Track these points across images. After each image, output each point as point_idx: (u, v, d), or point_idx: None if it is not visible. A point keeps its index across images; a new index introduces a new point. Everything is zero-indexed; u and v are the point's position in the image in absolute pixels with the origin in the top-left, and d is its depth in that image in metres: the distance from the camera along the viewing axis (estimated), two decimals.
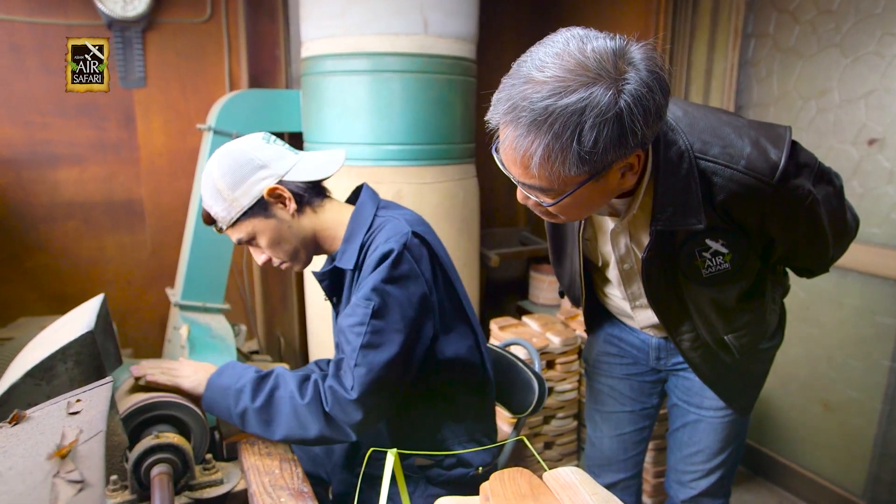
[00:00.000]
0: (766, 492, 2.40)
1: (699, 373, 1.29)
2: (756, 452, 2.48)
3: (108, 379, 0.94)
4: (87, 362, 1.05)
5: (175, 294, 2.41)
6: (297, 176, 1.19)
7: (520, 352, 1.79)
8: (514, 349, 1.74)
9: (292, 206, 1.19)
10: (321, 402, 1.13)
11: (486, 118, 0.86)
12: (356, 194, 1.32)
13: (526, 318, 2.43)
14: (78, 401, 0.86)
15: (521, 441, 1.67)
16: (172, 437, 1.07)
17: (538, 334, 2.27)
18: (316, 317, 2.53)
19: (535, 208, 0.97)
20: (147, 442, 1.04)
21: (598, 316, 1.47)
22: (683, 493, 1.43)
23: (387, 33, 2.16)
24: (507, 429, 1.76)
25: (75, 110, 2.55)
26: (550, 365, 2.25)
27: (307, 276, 2.56)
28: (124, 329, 2.76)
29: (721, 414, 1.33)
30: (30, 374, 1.00)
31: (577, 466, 0.78)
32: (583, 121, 0.77)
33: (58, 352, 1.02)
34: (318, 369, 1.45)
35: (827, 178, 1.08)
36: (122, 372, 1.38)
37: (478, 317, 1.72)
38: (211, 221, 1.22)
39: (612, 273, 1.26)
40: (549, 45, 0.81)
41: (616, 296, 1.34)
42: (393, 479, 0.80)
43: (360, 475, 1.19)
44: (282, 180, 1.18)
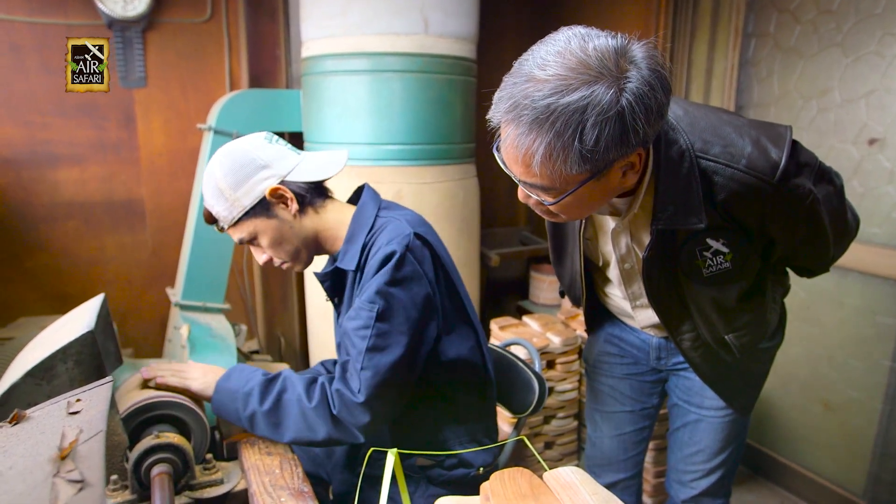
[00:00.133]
0: (766, 491, 2.40)
1: (699, 372, 1.29)
2: (756, 452, 2.48)
3: (108, 379, 0.94)
4: (88, 362, 1.05)
5: (175, 294, 2.41)
6: (300, 176, 1.19)
7: (520, 352, 1.79)
8: (514, 349, 1.74)
9: (294, 206, 1.19)
10: (329, 405, 1.13)
11: (487, 117, 0.86)
12: (357, 194, 1.32)
13: (526, 318, 2.43)
14: (78, 400, 0.85)
15: (521, 441, 1.67)
16: (173, 437, 1.07)
17: (538, 334, 2.27)
18: (316, 317, 2.53)
19: (536, 207, 0.97)
20: (147, 442, 1.04)
21: (599, 316, 1.47)
22: (684, 493, 1.43)
23: (387, 33, 2.16)
24: (508, 429, 1.75)
25: (75, 110, 2.54)
26: (551, 365, 2.25)
27: (308, 276, 2.56)
28: (124, 329, 2.76)
29: (721, 413, 1.33)
30: (30, 374, 1.00)
31: (577, 466, 0.77)
32: (584, 119, 0.77)
33: (58, 351, 1.02)
34: (325, 370, 1.45)
35: (827, 177, 1.08)
36: (123, 372, 1.38)
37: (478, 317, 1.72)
38: (212, 221, 1.22)
39: (613, 273, 1.26)
40: (550, 44, 0.81)
41: (617, 295, 1.34)
42: (393, 479, 0.80)
43: (361, 475, 1.19)
44: (284, 180, 1.18)
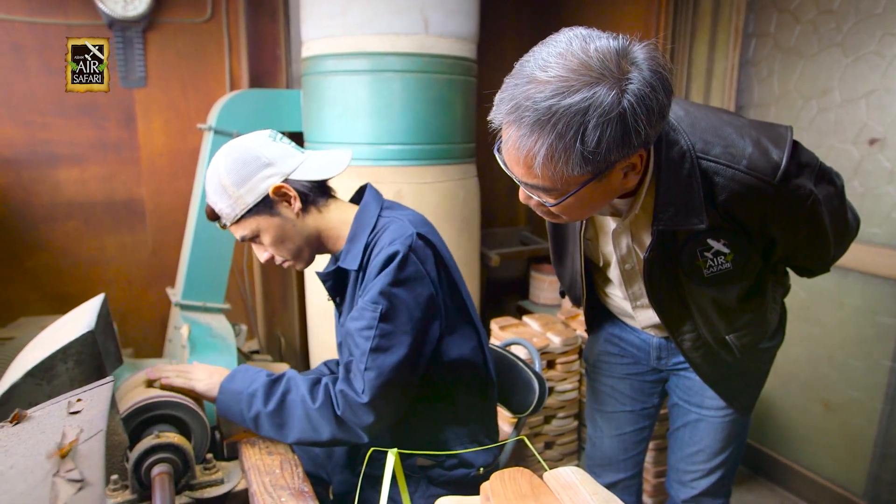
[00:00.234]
0: (766, 491, 2.40)
1: (700, 372, 1.29)
2: (757, 452, 2.48)
3: (108, 378, 0.94)
4: (88, 362, 1.05)
5: (175, 294, 2.41)
6: (303, 175, 1.19)
7: (520, 352, 1.79)
8: (514, 349, 1.74)
9: (297, 204, 1.19)
10: (333, 405, 1.13)
11: (488, 118, 0.85)
12: (360, 194, 1.32)
13: (526, 318, 2.43)
14: (78, 400, 0.85)
15: (521, 441, 1.67)
16: (173, 437, 1.07)
17: (539, 334, 2.27)
18: (317, 316, 2.53)
19: (537, 208, 0.97)
20: (148, 441, 1.04)
21: (599, 316, 1.47)
22: (684, 493, 1.43)
23: (387, 33, 2.16)
24: (508, 429, 1.75)
25: (75, 110, 2.54)
26: (551, 365, 2.25)
27: (308, 276, 2.56)
28: (125, 329, 2.76)
29: (722, 413, 1.33)
30: (30, 374, 1.00)
31: (577, 466, 0.77)
32: (586, 120, 0.77)
33: (58, 351, 1.02)
34: (328, 371, 1.45)
35: (828, 177, 1.08)
36: (123, 372, 1.38)
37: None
38: (215, 217, 1.22)
39: (614, 273, 1.26)
40: (552, 45, 0.81)
41: (617, 296, 1.34)
42: (394, 479, 0.80)
43: (361, 475, 1.19)
44: (287, 179, 1.18)
